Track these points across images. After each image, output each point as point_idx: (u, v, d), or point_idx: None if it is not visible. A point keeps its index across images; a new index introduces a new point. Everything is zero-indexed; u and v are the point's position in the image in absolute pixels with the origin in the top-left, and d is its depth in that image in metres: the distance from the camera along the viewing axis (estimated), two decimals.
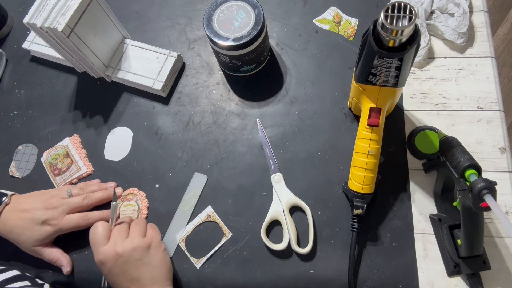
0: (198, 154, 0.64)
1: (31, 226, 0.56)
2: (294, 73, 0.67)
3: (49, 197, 0.58)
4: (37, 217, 0.56)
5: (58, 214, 0.57)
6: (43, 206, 0.57)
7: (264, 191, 0.61)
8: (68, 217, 0.57)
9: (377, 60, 0.45)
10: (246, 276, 0.57)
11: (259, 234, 0.57)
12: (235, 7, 0.60)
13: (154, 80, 0.66)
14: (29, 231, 0.56)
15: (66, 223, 0.57)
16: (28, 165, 0.67)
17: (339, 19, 0.70)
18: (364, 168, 0.53)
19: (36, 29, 0.59)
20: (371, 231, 0.57)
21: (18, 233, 0.56)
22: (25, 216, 0.56)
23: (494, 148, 0.59)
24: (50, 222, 0.56)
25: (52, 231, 0.56)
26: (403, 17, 0.41)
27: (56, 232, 0.57)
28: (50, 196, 0.58)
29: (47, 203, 0.57)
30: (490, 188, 0.42)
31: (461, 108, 0.62)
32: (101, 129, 0.68)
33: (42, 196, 0.59)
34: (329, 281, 0.56)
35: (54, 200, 0.58)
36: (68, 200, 0.58)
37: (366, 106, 0.52)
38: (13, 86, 0.72)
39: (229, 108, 0.67)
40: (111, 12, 0.65)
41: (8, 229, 0.56)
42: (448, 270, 0.54)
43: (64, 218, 0.57)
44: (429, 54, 0.65)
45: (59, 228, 0.57)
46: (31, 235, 0.56)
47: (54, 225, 0.56)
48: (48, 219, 0.56)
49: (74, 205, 0.58)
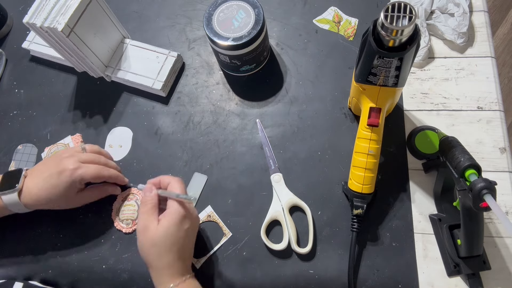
0: (198, 154, 0.64)
1: (52, 182, 0.55)
2: (294, 73, 0.67)
3: (62, 153, 0.58)
4: (54, 171, 0.55)
5: (73, 162, 0.56)
6: (57, 160, 0.57)
7: (264, 191, 0.61)
8: (85, 165, 0.57)
9: (377, 60, 0.45)
10: (246, 276, 0.57)
11: (259, 234, 0.57)
12: (235, 7, 0.60)
13: (154, 80, 0.66)
14: (53, 188, 0.55)
15: (85, 170, 0.56)
16: (28, 165, 0.66)
17: (339, 19, 0.70)
18: (364, 168, 0.53)
19: (36, 29, 0.59)
20: (371, 231, 0.57)
21: (47, 196, 0.55)
22: (43, 177, 0.55)
23: (494, 148, 0.59)
24: (66, 170, 0.55)
25: (71, 179, 0.55)
26: (403, 17, 0.41)
27: (76, 180, 0.55)
28: (62, 152, 0.58)
29: (60, 157, 0.57)
30: (490, 188, 0.42)
31: (461, 108, 0.62)
32: (101, 129, 0.68)
33: (55, 157, 0.58)
34: (329, 281, 0.56)
35: (67, 153, 0.58)
36: (83, 153, 0.58)
37: (366, 106, 0.52)
38: (13, 86, 0.72)
39: (229, 108, 0.67)
40: (111, 12, 0.65)
41: (35, 197, 0.55)
42: (448, 270, 0.54)
43: (81, 165, 0.56)
44: (429, 54, 0.65)
45: (78, 175, 0.55)
46: (57, 190, 0.55)
47: (72, 172, 0.55)
48: (63, 169, 0.55)
49: (90, 159, 0.58)
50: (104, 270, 0.59)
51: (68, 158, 0.56)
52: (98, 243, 0.61)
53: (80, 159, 0.57)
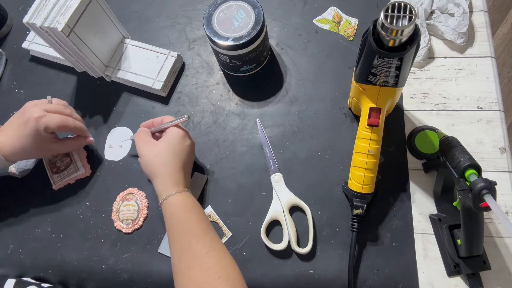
0: (198, 154, 0.64)
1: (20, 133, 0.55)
2: (294, 73, 0.67)
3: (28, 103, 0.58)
4: (20, 122, 0.55)
5: (38, 110, 0.56)
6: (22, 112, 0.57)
7: (264, 191, 0.61)
8: (51, 114, 0.57)
9: (377, 60, 0.45)
10: (246, 276, 0.57)
11: (259, 234, 0.57)
12: (235, 7, 0.60)
13: (154, 80, 0.66)
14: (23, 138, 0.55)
15: (50, 119, 0.56)
16: (28, 164, 0.66)
17: (339, 19, 0.70)
18: (364, 168, 0.53)
19: (35, 29, 0.59)
20: (371, 231, 0.57)
21: (20, 148, 0.56)
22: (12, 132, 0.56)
23: (494, 148, 0.59)
24: (31, 118, 0.55)
25: (36, 126, 0.55)
26: (403, 17, 0.41)
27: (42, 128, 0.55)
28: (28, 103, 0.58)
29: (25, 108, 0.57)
30: (490, 188, 0.42)
31: (461, 108, 0.62)
32: (101, 129, 0.68)
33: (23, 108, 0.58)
34: (329, 281, 0.56)
35: (31, 103, 0.57)
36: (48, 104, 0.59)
37: (366, 106, 0.52)
38: (13, 85, 0.72)
39: (229, 108, 0.67)
40: (111, 12, 0.65)
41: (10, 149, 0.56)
42: (448, 270, 0.54)
43: (46, 114, 0.56)
44: (429, 54, 0.65)
45: (43, 123, 0.55)
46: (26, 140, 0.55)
47: (37, 120, 0.55)
48: (29, 117, 0.55)
49: (55, 110, 0.58)
50: (104, 270, 0.59)
51: (33, 107, 0.56)
52: (98, 243, 0.61)
53: (45, 108, 0.57)
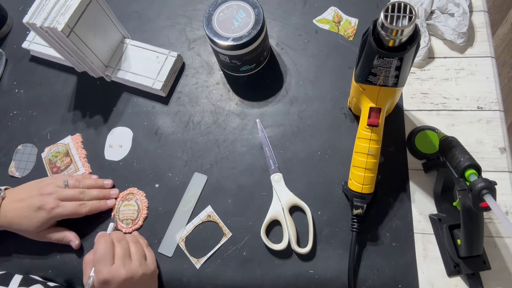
0: (198, 154, 0.64)
1: (29, 214, 0.56)
2: (294, 73, 0.67)
3: (45, 184, 0.58)
4: (33, 204, 0.56)
5: (53, 200, 0.57)
6: (38, 192, 0.57)
7: (264, 191, 0.61)
8: (64, 203, 0.57)
9: (377, 60, 0.45)
10: (246, 276, 0.57)
11: (259, 234, 0.57)
12: (235, 7, 0.60)
13: (154, 80, 0.66)
14: (27, 219, 0.56)
15: (62, 210, 0.57)
16: (28, 165, 0.66)
17: (339, 19, 0.70)
18: (364, 168, 0.53)
19: (35, 29, 0.59)
20: (371, 231, 0.57)
21: (19, 223, 0.56)
22: (22, 205, 0.56)
23: (494, 148, 0.59)
24: (45, 207, 0.56)
25: (48, 217, 0.56)
26: (403, 17, 0.41)
27: (52, 218, 0.57)
28: (45, 183, 0.59)
29: (42, 190, 0.57)
30: (490, 188, 0.42)
31: (461, 108, 0.62)
32: (101, 129, 0.68)
33: (38, 184, 0.59)
34: (329, 281, 0.56)
35: (49, 187, 0.58)
36: (64, 190, 0.59)
37: (366, 106, 0.52)
38: (13, 85, 0.72)
39: (229, 108, 0.67)
40: (111, 12, 0.65)
41: (9, 220, 0.56)
42: (448, 270, 0.54)
43: (59, 204, 0.57)
44: (429, 54, 0.65)
45: (55, 214, 0.56)
46: (30, 222, 0.56)
47: (50, 211, 0.56)
48: (43, 205, 0.56)
49: (70, 196, 0.58)
50: None
51: (49, 196, 0.57)
52: None
53: (60, 196, 0.58)
